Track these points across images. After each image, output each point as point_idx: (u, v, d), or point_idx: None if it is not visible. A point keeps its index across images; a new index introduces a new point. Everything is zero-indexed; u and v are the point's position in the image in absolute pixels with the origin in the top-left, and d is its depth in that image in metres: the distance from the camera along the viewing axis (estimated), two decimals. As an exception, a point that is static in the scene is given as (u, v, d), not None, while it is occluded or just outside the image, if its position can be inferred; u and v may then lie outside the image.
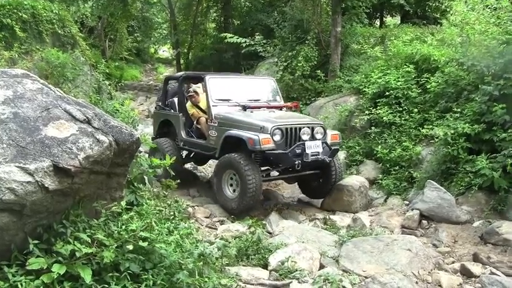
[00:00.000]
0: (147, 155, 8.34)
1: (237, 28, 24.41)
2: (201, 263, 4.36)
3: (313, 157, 8.57)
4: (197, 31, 28.38)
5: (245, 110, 9.38)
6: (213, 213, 8.91)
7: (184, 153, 10.80)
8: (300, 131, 8.66)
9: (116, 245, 3.72)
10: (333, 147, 8.95)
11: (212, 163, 11.06)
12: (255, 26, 22.83)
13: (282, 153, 8.41)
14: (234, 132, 8.74)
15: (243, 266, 5.79)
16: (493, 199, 7.77)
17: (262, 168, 9.24)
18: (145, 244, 3.84)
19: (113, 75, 22.12)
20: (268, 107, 9.78)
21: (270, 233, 7.72)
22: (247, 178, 8.24)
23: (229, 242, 6.12)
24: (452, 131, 8.63)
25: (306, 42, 15.34)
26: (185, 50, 29.15)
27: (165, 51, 39.62)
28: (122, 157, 4.12)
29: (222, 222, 8.38)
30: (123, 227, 3.96)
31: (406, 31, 15.47)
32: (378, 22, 22.59)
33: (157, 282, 3.84)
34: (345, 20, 15.91)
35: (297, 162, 8.45)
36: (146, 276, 3.82)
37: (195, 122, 10.20)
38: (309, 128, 8.78)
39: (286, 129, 8.54)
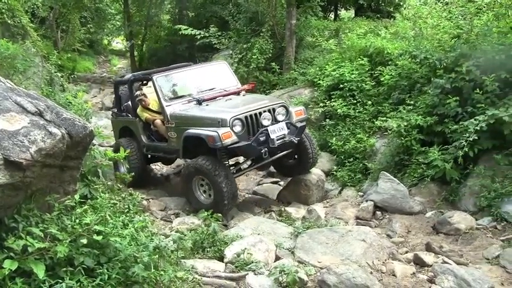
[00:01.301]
0: (101, 148, 8.22)
1: (191, 20, 24.19)
2: (157, 256, 4.32)
3: (280, 141, 8.21)
4: (151, 23, 28.03)
5: (200, 104, 8.86)
6: (168, 206, 8.87)
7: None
8: (260, 116, 8.32)
9: (69, 239, 3.66)
10: (299, 125, 8.61)
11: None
12: (209, 18, 22.69)
13: (245, 144, 7.99)
14: (193, 131, 8.32)
15: (199, 258, 5.79)
16: (444, 190, 7.93)
17: (232, 162, 9.05)
18: (99, 238, 3.79)
19: (66, 67, 21.69)
20: (224, 95, 9.28)
21: (225, 226, 7.73)
22: (219, 185, 7.88)
23: (185, 235, 6.12)
24: (406, 123, 8.76)
25: (261, 34, 15.37)
26: (139, 42, 28.79)
27: (119, 42, 38.97)
28: (75, 150, 4.05)
29: (177, 215, 8.36)
30: (77, 220, 3.90)
31: (360, 24, 15.70)
32: (332, 15, 22.73)
33: (112, 276, 3.80)
34: (299, 13, 15.96)
35: (263, 151, 8.09)
36: (101, 270, 3.78)
37: (151, 126, 9.80)
38: (269, 111, 8.43)
39: (246, 117, 8.18)
